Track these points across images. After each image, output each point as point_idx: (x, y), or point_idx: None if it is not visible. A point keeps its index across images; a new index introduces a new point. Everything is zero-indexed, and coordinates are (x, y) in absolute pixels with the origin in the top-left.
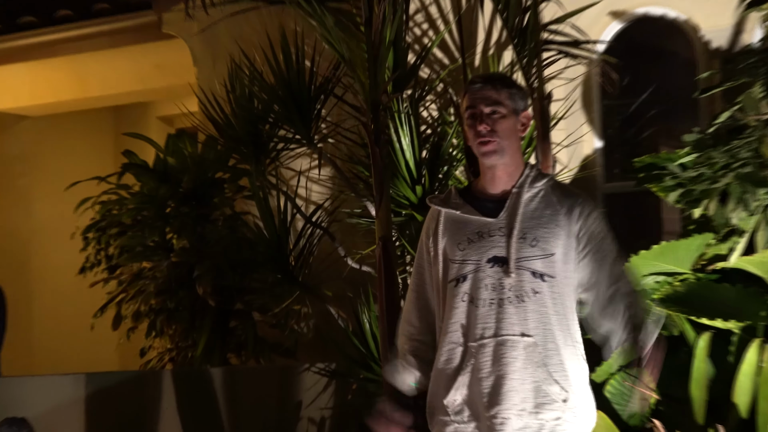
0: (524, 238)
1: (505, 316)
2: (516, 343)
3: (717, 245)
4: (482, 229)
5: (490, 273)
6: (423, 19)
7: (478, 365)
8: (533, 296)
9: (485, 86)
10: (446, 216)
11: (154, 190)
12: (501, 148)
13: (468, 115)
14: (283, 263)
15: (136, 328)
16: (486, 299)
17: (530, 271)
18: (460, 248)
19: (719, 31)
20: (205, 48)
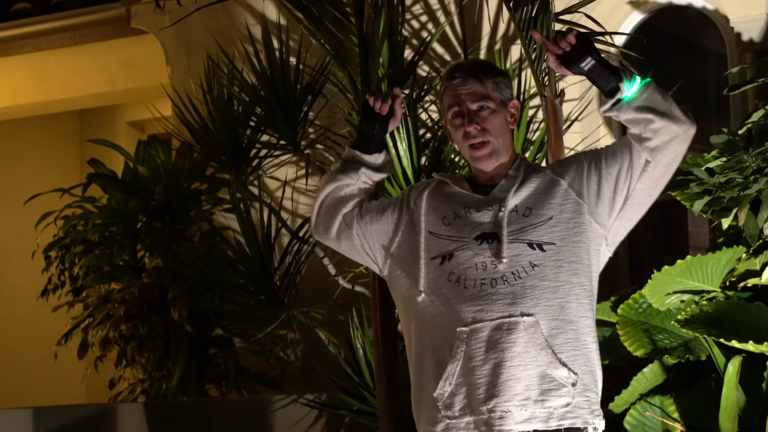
0: (516, 211)
1: (499, 297)
2: (514, 324)
3: (749, 260)
4: (470, 204)
5: (478, 251)
6: (422, 10)
7: (471, 352)
8: (531, 270)
9: (467, 79)
10: (433, 188)
11: (123, 204)
12: (496, 150)
13: (452, 114)
14: (267, 284)
15: (105, 356)
16: (476, 279)
17: (526, 243)
18: (444, 222)
19: (752, 21)
20: (179, 44)
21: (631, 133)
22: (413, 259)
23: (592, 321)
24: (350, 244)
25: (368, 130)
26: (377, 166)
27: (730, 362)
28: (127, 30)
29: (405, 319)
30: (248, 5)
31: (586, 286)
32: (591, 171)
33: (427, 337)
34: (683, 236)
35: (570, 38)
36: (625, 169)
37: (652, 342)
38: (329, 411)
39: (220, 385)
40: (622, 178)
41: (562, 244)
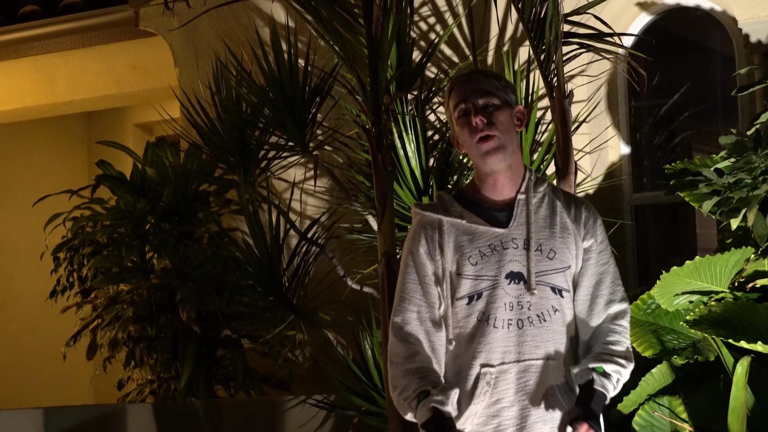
0: (541, 251)
1: (527, 339)
2: (540, 367)
3: (758, 260)
4: (494, 241)
5: (508, 290)
6: (430, 11)
7: (499, 393)
8: (554, 315)
9: (472, 77)
10: (450, 226)
11: (131, 205)
12: (503, 145)
13: (459, 112)
14: (275, 285)
15: (113, 358)
16: (504, 320)
17: (550, 287)
18: (471, 262)
19: (760, 22)
20: (187, 46)
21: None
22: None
23: None
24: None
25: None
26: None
27: (739, 363)
28: (135, 32)
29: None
30: (256, 7)
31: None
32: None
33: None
34: (691, 238)
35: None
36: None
37: (660, 343)
38: (338, 412)
39: (229, 387)
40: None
41: (572, 293)
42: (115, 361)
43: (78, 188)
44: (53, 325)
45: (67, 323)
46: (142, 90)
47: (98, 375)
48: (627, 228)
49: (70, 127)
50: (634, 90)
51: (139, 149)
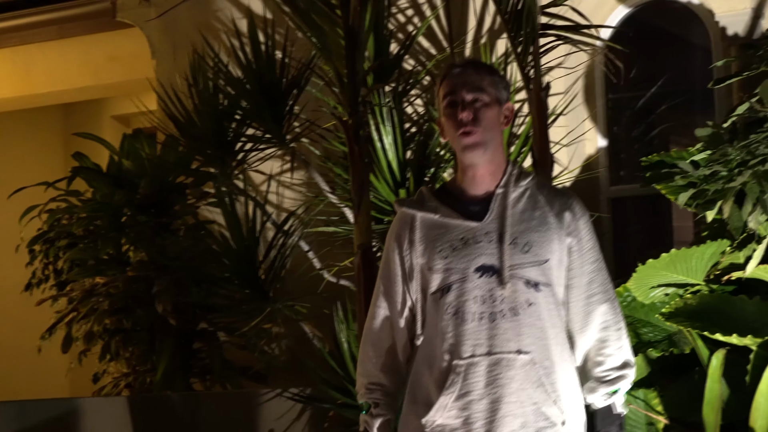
0: (515, 244)
1: (499, 332)
2: (512, 361)
3: (733, 253)
4: (467, 234)
5: (478, 283)
6: (408, 3)
7: (468, 386)
8: (528, 308)
9: (466, 70)
10: (422, 220)
11: (107, 197)
12: (484, 141)
13: (447, 102)
14: (252, 277)
15: (89, 350)
16: (475, 313)
17: (524, 281)
18: (441, 256)
19: (736, 15)
20: (165, 37)
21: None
22: (409, 300)
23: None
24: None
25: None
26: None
27: (714, 355)
28: (112, 23)
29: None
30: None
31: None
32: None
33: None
34: (668, 230)
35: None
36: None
37: (636, 335)
38: (314, 404)
39: (205, 379)
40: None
41: (553, 288)
42: (90, 354)
43: (54, 180)
44: (28, 318)
45: (43, 316)
46: (119, 82)
47: (74, 368)
48: (604, 220)
49: (47, 119)
50: (612, 82)
51: (116, 141)
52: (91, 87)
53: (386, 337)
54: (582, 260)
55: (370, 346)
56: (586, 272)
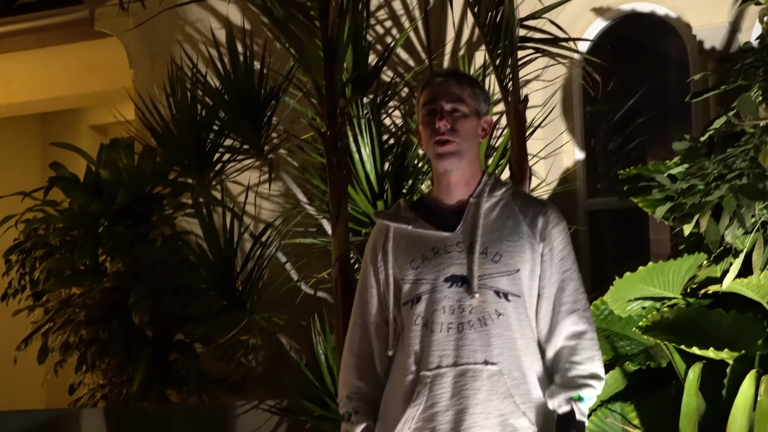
0: (486, 254)
1: (466, 343)
2: (478, 372)
3: (710, 267)
4: (438, 244)
5: (448, 293)
6: (386, 15)
7: (434, 397)
8: (497, 318)
9: (448, 80)
10: (396, 232)
11: (84, 207)
12: (460, 151)
13: (426, 111)
14: (229, 288)
15: (65, 361)
16: (443, 323)
17: (493, 290)
18: (413, 266)
19: (713, 29)
20: (143, 47)
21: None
22: (385, 311)
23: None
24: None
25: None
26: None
27: (691, 369)
28: (90, 33)
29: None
30: (212, 9)
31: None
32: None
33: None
34: (645, 243)
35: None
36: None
37: (613, 348)
38: (291, 417)
39: (181, 391)
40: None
41: (524, 298)
42: (66, 365)
43: (31, 190)
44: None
45: (19, 326)
46: (97, 91)
47: (49, 379)
48: (581, 233)
49: (24, 128)
50: (589, 95)
51: (94, 151)
52: (69, 96)
53: (365, 348)
54: (552, 270)
55: (350, 357)
56: (555, 281)
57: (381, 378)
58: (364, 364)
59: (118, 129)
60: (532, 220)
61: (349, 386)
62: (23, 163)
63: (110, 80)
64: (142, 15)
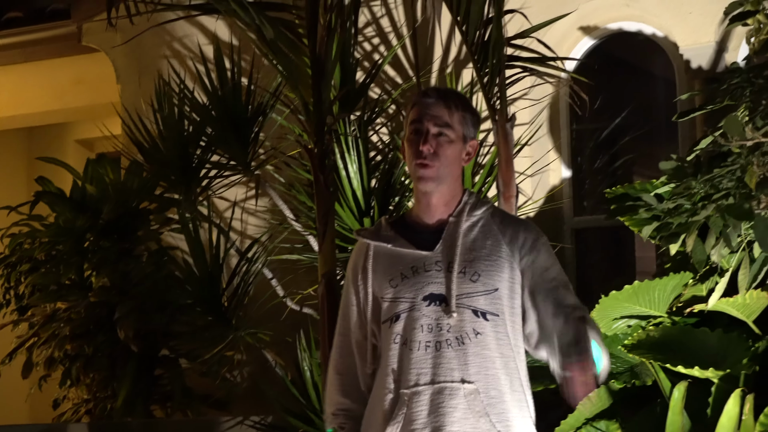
0: (464, 273)
1: (443, 361)
2: (455, 390)
3: (695, 285)
4: (417, 263)
5: (426, 312)
6: (374, 32)
7: (412, 415)
8: (474, 338)
9: (438, 102)
10: (376, 250)
11: (70, 222)
12: (440, 176)
13: (412, 129)
14: (215, 304)
15: (50, 376)
16: (421, 341)
17: (471, 310)
18: (392, 285)
19: (701, 48)
20: (130, 62)
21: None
22: (367, 329)
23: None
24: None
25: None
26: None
27: (676, 387)
28: (78, 48)
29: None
30: (200, 25)
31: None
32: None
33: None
34: (630, 261)
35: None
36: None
37: None
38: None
39: (166, 406)
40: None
41: (503, 318)
42: (51, 379)
43: (17, 204)
44: None
45: (3, 341)
46: (84, 106)
47: (33, 394)
48: (567, 251)
49: (10, 143)
50: (576, 113)
51: (80, 166)
52: (56, 111)
53: (349, 365)
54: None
55: (334, 374)
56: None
57: (365, 395)
58: (348, 382)
59: (105, 144)
60: (512, 239)
61: (334, 403)
62: (9, 178)
63: (97, 95)
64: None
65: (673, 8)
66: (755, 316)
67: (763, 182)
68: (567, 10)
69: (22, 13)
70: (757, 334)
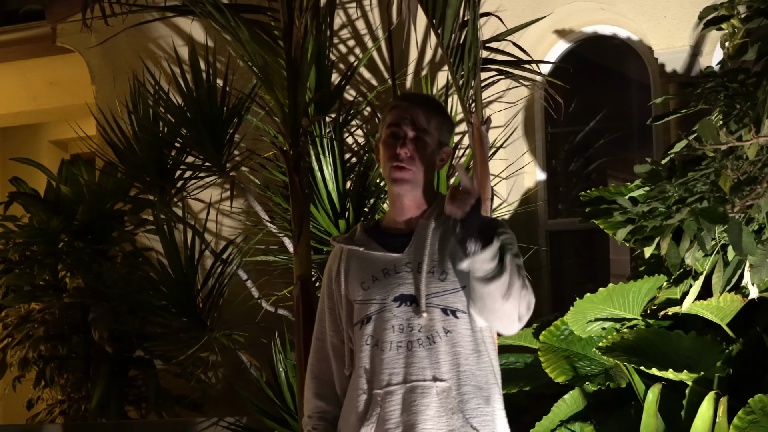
0: (432, 272)
1: (415, 360)
2: (427, 389)
3: (669, 288)
4: (387, 266)
5: (397, 313)
6: (349, 34)
7: (385, 415)
8: (445, 336)
9: (417, 107)
10: (349, 254)
11: (45, 223)
12: (415, 180)
13: (389, 133)
14: (189, 306)
15: (24, 377)
16: (393, 342)
17: (441, 308)
18: (363, 287)
19: (675, 52)
20: (105, 63)
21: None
22: (341, 331)
23: (499, 388)
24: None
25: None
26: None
27: (650, 390)
28: (52, 48)
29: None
30: (175, 26)
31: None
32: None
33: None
34: (605, 264)
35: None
36: None
37: (573, 369)
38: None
39: (141, 407)
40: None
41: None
42: (25, 380)
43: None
44: None
45: None
46: (58, 107)
47: (7, 394)
48: (542, 254)
49: None
50: (551, 116)
51: (54, 166)
52: (30, 111)
53: (325, 369)
54: None
55: (310, 377)
56: None
57: (340, 397)
58: (324, 384)
59: (79, 144)
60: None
61: (310, 407)
62: None
63: (71, 96)
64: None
65: (648, 12)
66: (729, 319)
67: (737, 186)
68: (542, 14)
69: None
70: (731, 337)
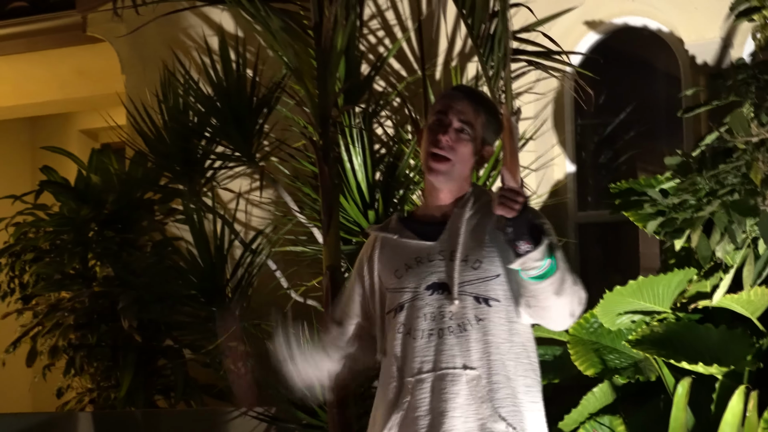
0: (466, 261)
1: (445, 348)
2: (457, 376)
3: (700, 281)
4: (421, 254)
5: (429, 301)
6: (378, 25)
7: (415, 403)
8: (476, 324)
9: (467, 100)
10: (383, 242)
11: (74, 212)
12: (451, 173)
13: (435, 119)
14: (218, 295)
15: (53, 365)
16: (424, 330)
17: (473, 296)
18: (397, 275)
19: (706, 44)
20: (135, 53)
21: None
22: (373, 317)
23: (532, 381)
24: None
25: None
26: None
27: (680, 383)
28: (82, 38)
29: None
30: (205, 16)
31: (527, 347)
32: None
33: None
34: (634, 256)
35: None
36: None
37: (602, 362)
38: (279, 424)
39: (169, 397)
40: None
41: (506, 303)
42: (54, 368)
43: (21, 194)
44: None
45: (7, 329)
46: (87, 96)
47: (37, 382)
48: (571, 246)
49: (14, 132)
50: (581, 108)
51: (84, 155)
52: (59, 101)
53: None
54: None
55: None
56: None
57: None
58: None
59: (109, 134)
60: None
61: None
62: (13, 167)
63: (101, 85)
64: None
65: (679, 4)
66: (759, 313)
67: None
68: (572, 4)
69: (26, 2)
70: (761, 331)
